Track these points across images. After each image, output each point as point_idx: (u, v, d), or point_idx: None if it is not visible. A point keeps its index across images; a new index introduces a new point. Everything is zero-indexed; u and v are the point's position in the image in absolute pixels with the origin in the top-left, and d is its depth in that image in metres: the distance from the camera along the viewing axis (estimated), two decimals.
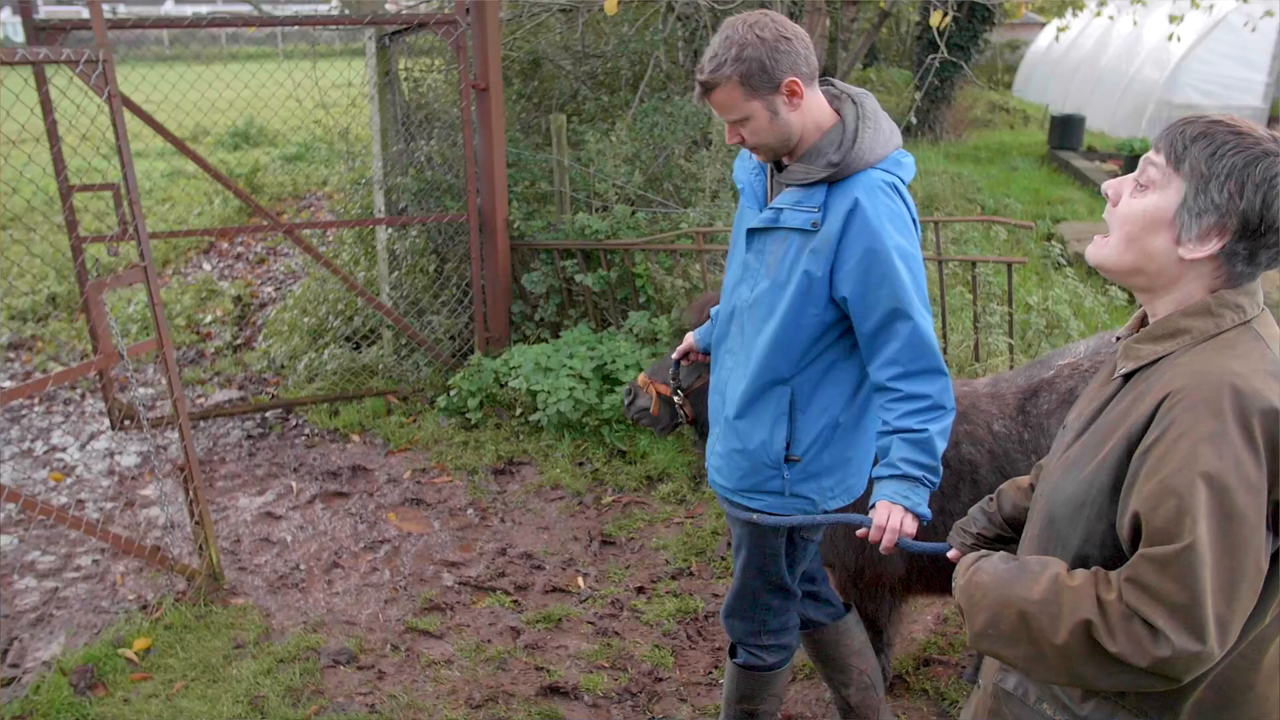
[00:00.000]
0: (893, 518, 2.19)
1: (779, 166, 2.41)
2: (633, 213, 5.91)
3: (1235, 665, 1.47)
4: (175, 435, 4.17)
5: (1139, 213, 1.49)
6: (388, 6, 8.13)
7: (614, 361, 5.23)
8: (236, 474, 5.20)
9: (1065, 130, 13.19)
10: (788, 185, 2.33)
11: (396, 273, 6.38)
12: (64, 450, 5.58)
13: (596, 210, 6.12)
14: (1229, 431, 1.36)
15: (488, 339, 5.85)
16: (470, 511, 4.75)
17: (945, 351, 5.17)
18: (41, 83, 4.62)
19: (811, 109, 2.29)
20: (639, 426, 3.87)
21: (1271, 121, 14.12)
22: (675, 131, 6.46)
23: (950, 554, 2.02)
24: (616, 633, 3.80)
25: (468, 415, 5.48)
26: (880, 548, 2.19)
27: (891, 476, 2.23)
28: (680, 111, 6.56)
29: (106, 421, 5.79)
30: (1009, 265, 4.80)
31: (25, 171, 9.44)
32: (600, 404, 5.14)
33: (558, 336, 5.74)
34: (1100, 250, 1.56)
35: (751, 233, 2.42)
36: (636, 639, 3.77)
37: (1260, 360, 1.43)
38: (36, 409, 6.17)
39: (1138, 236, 1.50)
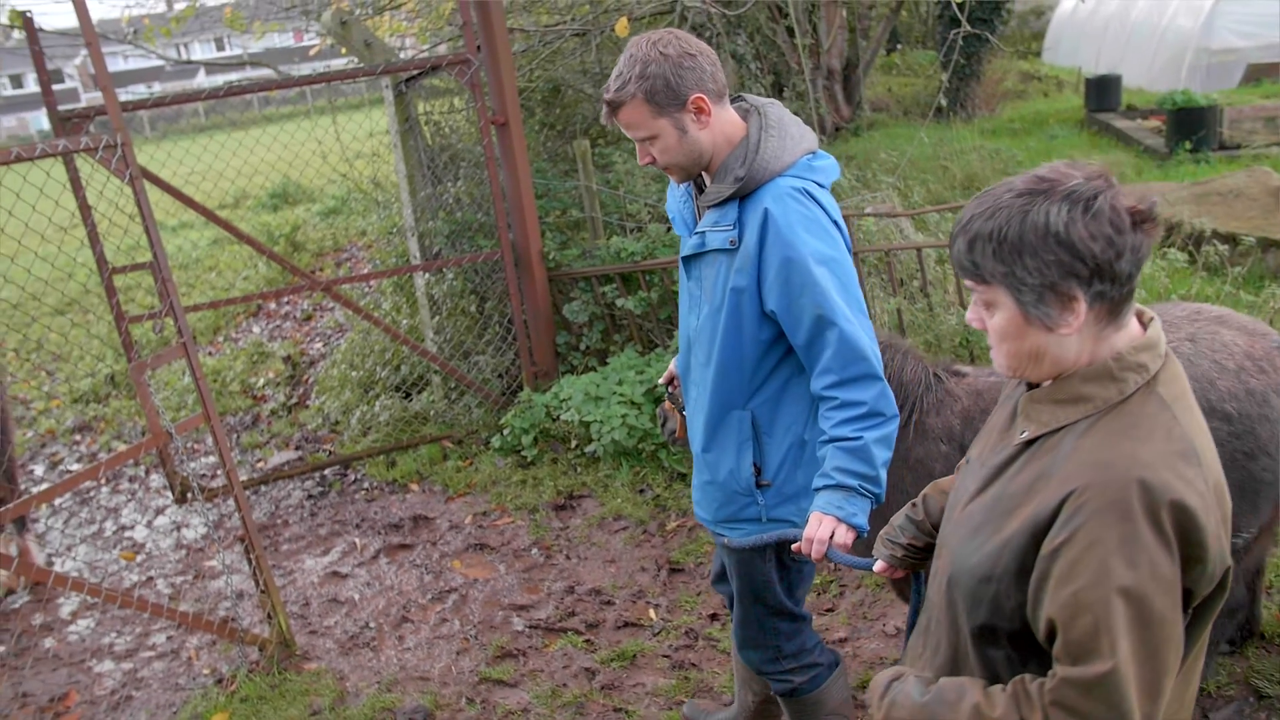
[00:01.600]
0: (823, 528, 2.14)
1: (701, 190, 2.39)
2: (667, 230, 5.83)
3: None
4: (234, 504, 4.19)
5: (1002, 329, 1.47)
6: (402, 54, 8.18)
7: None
8: (300, 535, 5.20)
9: (1101, 91, 12.84)
10: (707, 208, 2.32)
11: (438, 317, 6.37)
12: (132, 528, 5.64)
13: (630, 232, 6.05)
14: (1140, 534, 1.32)
15: (535, 373, 5.80)
16: (534, 551, 4.69)
17: None
18: (70, 169, 4.69)
19: (722, 125, 2.26)
20: (677, 447, 3.80)
21: None
22: None
23: (876, 567, 1.96)
24: (693, 664, 3.70)
25: (523, 453, 5.42)
26: (812, 558, 2.16)
27: (826, 487, 2.19)
28: None
29: (170, 495, 5.85)
30: None
31: (79, 256, 9.63)
32: (654, 428, 5.05)
33: (605, 364, 5.67)
34: (1005, 368, 1.53)
35: (687, 261, 2.43)
36: (714, 669, 3.66)
37: (1165, 439, 1.38)
38: (104, 489, 6.26)
39: (1017, 349, 1.48)
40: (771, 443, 2.36)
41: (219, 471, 6.18)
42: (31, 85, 52.10)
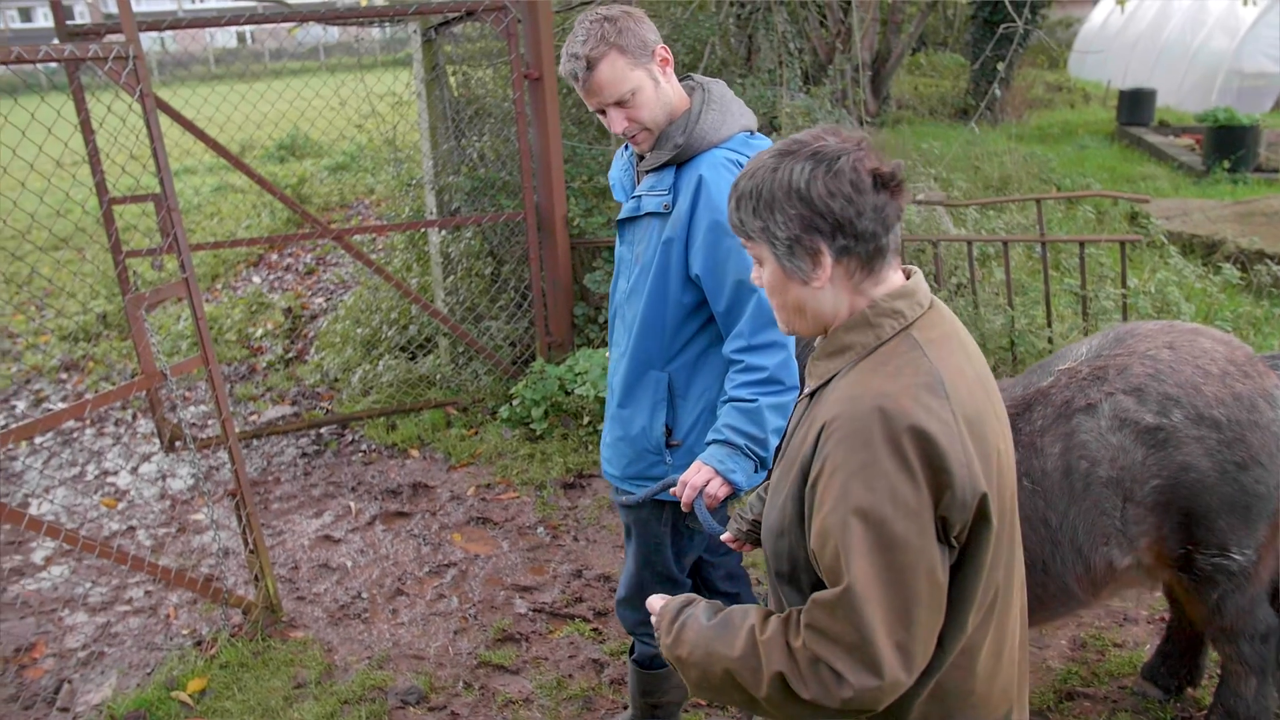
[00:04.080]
0: (699, 475, 2.22)
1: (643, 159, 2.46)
2: None
3: (951, 675, 1.49)
4: (227, 455, 3.91)
5: (770, 284, 1.54)
6: None
7: None
8: (292, 494, 4.93)
9: (1135, 105, 12.59)
10: (645, 173, 2.40)
11: (451, 277, 6.09)
12: (115, 474, 5.36)
13: None
14: (879, 460, 1.36)
15: (550, 344, 5.52)
16: (540, 530, 4.43)
17: (1050, 342, 4.72)
18: (74, 83, 4.40)
19: (675, 88, 2.34)
20: None
21: None
22: None
23: (724, 536, 2.06)
24: None
25: (532, 426, 5.16)
26: (681, 504, 2.23)
27: (714, 441, 2.27)
28: (740, 95, 6.20)
29: (158, 443, 5.57)
30: (1122, 244, 4.36)
31: (73, 193, 9.34)
32: None
33: None
34: (780, 324, 1.60)
35: (622, 226, 2.48)
36: None
37: (913, 374, 1.42)
38: (88, 431, 5.97)
39: (783, 303, 1.54)
40: (685, 405, 2.44)
41: (210, 421, 5.90)
42: (40, 20, 51.37)
